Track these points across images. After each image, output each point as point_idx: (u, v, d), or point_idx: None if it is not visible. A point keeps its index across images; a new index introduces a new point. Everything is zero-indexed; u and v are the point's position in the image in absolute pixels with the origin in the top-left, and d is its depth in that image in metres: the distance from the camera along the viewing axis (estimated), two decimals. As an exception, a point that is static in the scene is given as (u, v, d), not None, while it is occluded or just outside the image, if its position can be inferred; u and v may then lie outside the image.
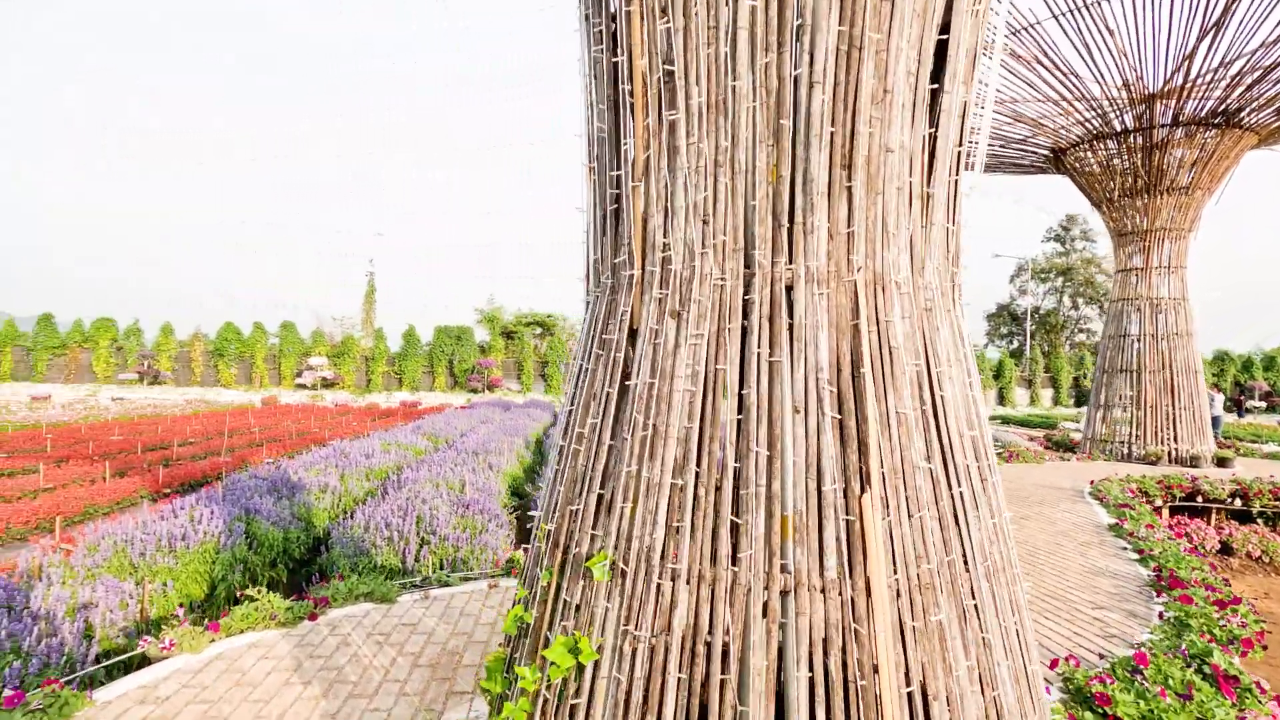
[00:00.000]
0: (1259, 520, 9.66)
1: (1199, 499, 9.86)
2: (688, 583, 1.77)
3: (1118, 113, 12.54)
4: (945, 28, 1.94)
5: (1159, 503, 9.89)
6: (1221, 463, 12.37)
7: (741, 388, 1.82)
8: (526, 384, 43.80)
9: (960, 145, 1.97)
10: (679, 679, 1.73)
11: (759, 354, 1.82)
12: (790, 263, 1.85)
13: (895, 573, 1.74)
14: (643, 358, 1.97)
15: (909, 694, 1.65)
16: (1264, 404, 41.64)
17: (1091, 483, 10.01)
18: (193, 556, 6.02)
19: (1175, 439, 12.58)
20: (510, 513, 9.56)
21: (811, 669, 1.69)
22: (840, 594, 1.70)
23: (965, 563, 1.86)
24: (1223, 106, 11.38)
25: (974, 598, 1.84)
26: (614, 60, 2.11)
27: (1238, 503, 9.67)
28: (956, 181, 1.99)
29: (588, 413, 2.04)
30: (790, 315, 1.84)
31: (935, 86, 1.95)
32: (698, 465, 1.80)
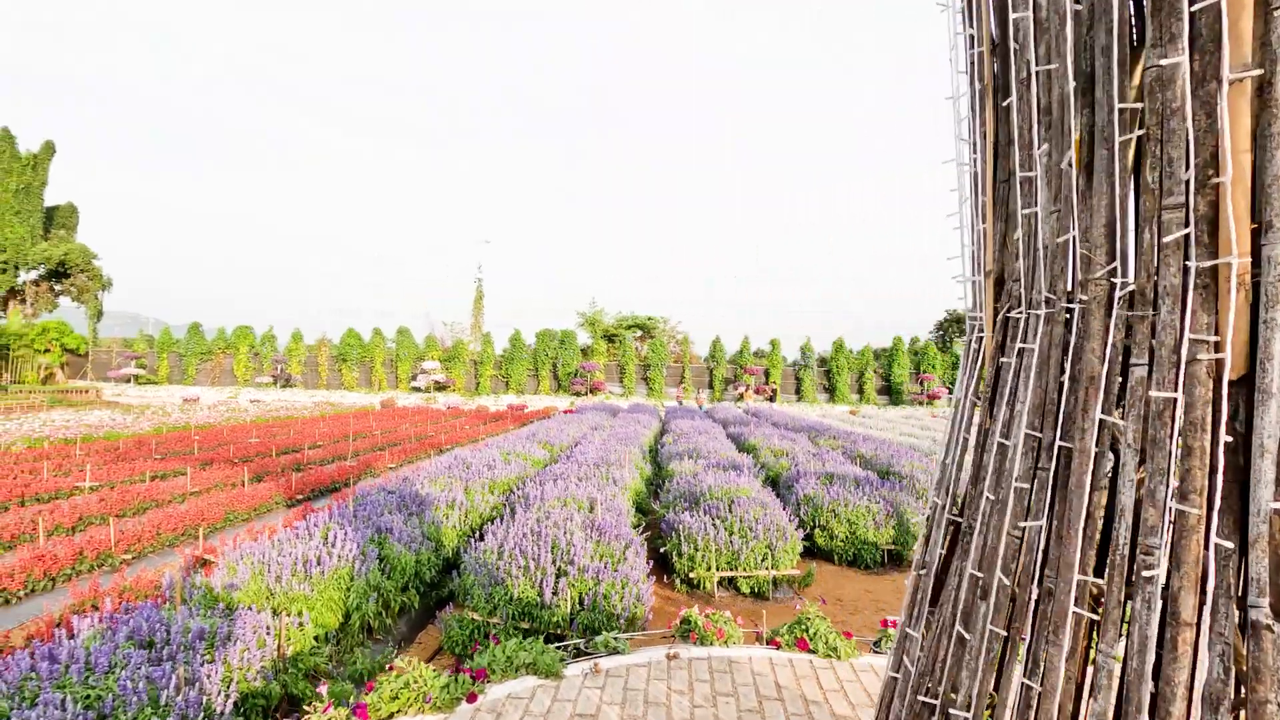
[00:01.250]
0: None
1: None
2: None
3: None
4: None
5: None
6: None
7: None
8: (629, 387, 43.49)
9: None
10: None
11: None
12: None
13: None
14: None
15: None
16: None
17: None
18: (327, 583, 5.59)
19: None
20: (640, 533, 8.74)
21: None
22: None
23: None
24: None
25: None
26: None
27: None
28: None
29: (1064, 539, 1.00)
30: None
31: None
32: None
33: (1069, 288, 1.17)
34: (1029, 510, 1.13)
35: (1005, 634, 1.16)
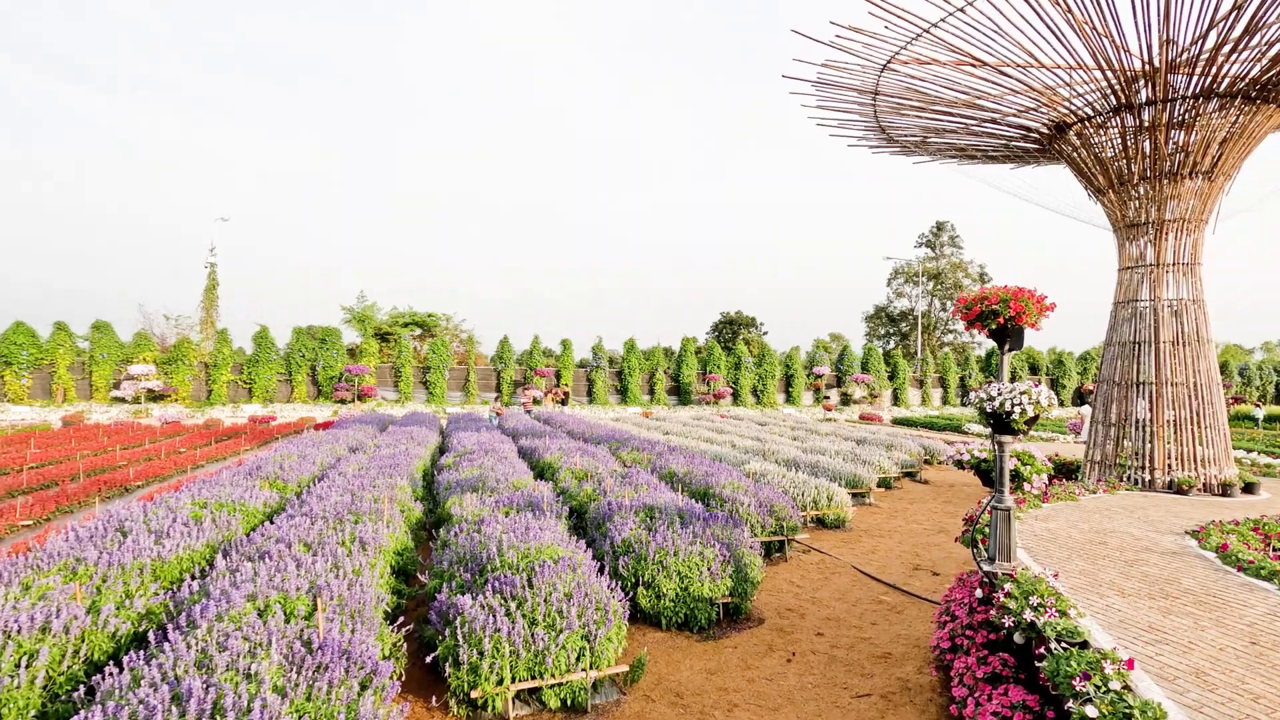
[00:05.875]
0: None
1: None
2: None
3: (1144, 82, 10.71)
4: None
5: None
6: (1249, 488, 10.95)
7: None
8: (405, 392, 38.50)
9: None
10: None
11: None
12: None
13: None
14: None
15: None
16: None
17: (1202, 532, 7.62)
18: None
19: (1201, 463, 10.97)
20: (397, 631, 5.97)
21: None
22: None
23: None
24: (1266, 76, 9.81)
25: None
26: None
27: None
28: None
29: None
30: None
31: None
32: None
33: None
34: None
35: None
